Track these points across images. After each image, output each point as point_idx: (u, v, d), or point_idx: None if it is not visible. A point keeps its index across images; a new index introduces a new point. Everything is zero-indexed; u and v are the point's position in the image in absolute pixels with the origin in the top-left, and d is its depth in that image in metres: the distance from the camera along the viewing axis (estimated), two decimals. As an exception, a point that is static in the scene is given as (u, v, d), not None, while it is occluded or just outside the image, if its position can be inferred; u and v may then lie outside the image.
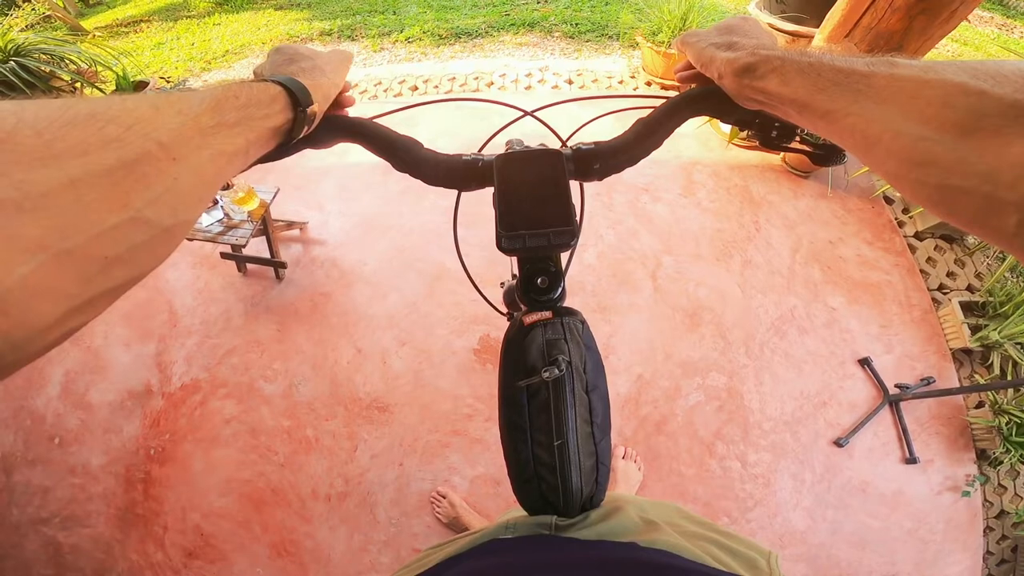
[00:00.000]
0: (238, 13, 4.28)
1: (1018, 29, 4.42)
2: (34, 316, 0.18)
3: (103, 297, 0.21)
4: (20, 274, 0.17)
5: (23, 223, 0.17)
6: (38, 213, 0.18)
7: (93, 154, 0.20)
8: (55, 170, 0.19)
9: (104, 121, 0.21)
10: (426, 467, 1.58)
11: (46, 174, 0.18)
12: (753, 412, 1.66)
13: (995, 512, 1.54)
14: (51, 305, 0.18)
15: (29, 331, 0.18)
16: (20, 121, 0.19)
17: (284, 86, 0.38)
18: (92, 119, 0.21)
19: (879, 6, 1.59)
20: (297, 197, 2.26)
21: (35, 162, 0.18)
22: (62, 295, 0.19)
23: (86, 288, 0.20)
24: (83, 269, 0.19)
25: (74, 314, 0.20)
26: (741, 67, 0.37)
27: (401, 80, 2.94)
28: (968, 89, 0.22)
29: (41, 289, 0.18)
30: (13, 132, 0.18)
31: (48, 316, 0.18)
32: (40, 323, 0.18)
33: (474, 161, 0.47)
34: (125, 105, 0.23)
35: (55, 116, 0.20)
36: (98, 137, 0.21)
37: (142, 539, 1.53)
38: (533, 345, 0.45)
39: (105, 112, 0.22)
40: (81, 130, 0.20)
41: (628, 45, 3.18)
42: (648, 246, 2.04)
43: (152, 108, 0.25)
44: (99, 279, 0.20)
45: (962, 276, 1.94)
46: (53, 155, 0.19)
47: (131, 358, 1.85)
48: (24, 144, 0.18)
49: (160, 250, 0.24)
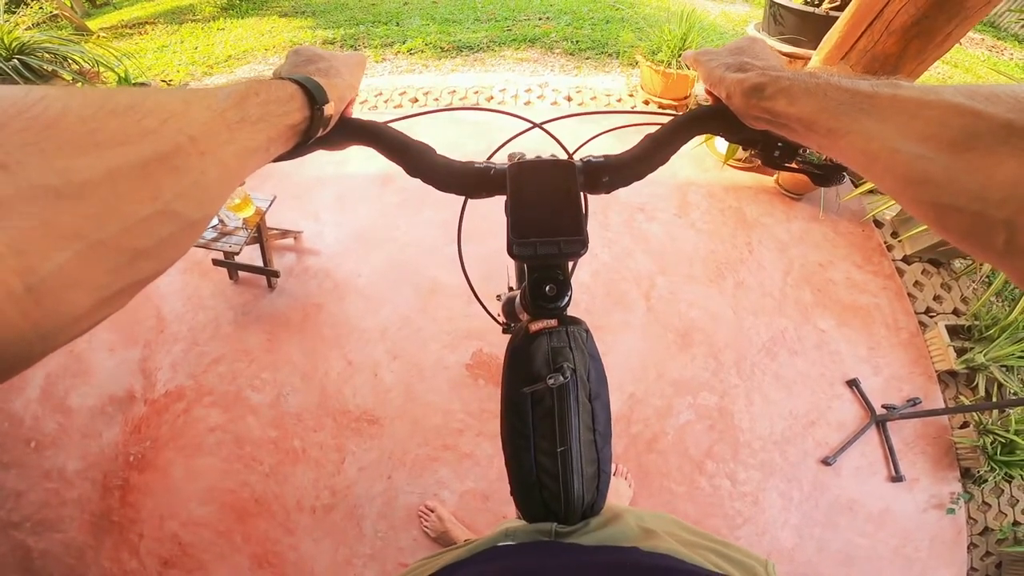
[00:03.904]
0: (243, 19, 4.32)
1: (1008, 51, 4.55)
2: (66, 306, 0.18)
3: (128, 289, 0.21)
4: (56, 263, 0.17)
5: (61, 210, 0.17)
6: (76, 201, 0.18)
7: (132, 144, 0.20)
8: (95, 159, 0.19)
9: (143, 113, 0.22)
10: (415, 481, 1.56)
11: (87, 162, 0.18)
12: (743, 431, 1.66)
13: (979, 529, 1.56)
14: (82, 296, 0.18)
15: (59, 321, 0.17)
16: (66, 108, 0.19)
17: (301, 85, 0.38)
18: (132, 110, 0.21)
19: (875, 29, 1.62)
20: (293, 206, 2.26)
21: (77, 150, 0.18)
22: (93, 286, 0.19)
23: (115, 280, 0.20)
24: (114, 260, 0.19)
25: (102, 306, 0.20)
26: (750, 87, 0.38)
27: (402, 91, 2.97)
28: (964, 109, 0.22)
29: (74, 279, 0.18)
30: (60, 118, 0.18)
31: (79, 307, 0.18)
32: (70, 314, 0.18)
33: (486, 169, 0.48)
34: (160, 98, 0.24)
35: (99, 104, 0.20)
36: (137, 128, 0.21)
37: (116, 546, 1.49)
38: (539, 352, 0.46)
39: (143, 104, 0.22)
40: (122, 120, 0.21)
41: (627, 64, 3.23)
42: (642, 266, 2.05)
43: (183, 102, 0.25)
44: (127, 271, 0.20)
45: (948, 300, 1.98)
46: (95, 143, 0.19)
47: (115, 363, 1.82)
48: (69, 130, 0.18)
49: (183, 244, 0.24)
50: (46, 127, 0.18)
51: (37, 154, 0.17)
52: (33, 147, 0.17)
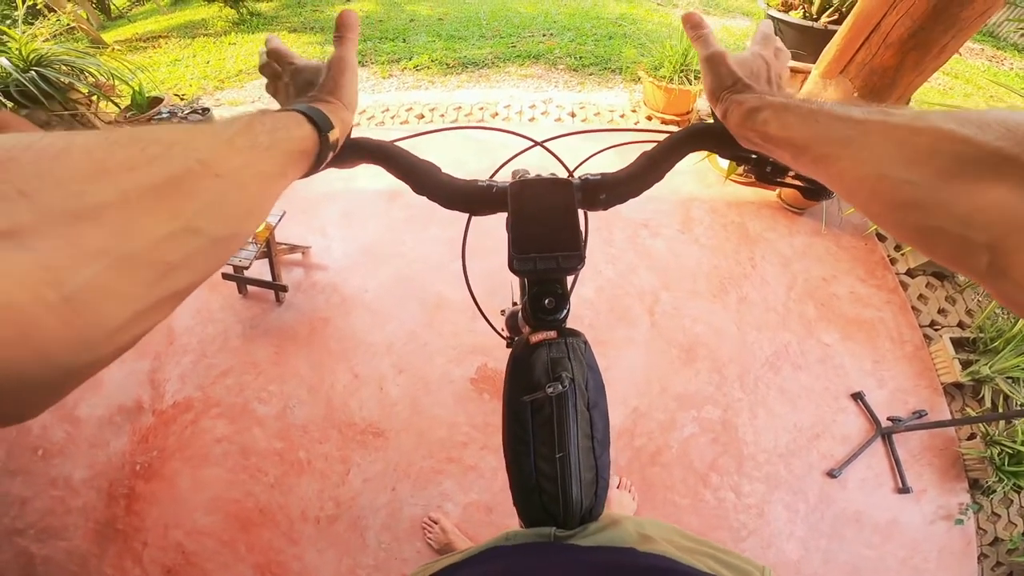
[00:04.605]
0: (253, 33, 4.40)
1: (1008, 61, 4.54)
2: (104, 317, 0.19)
3: (168, 300, 0.23)
4: (85, 276, 0.18)
5: (83, 231, 0.18)
6: (96, 222, 0.19)
7: (140, 170, 0.21)
8: (107, 184, 0.20)
9: (146, 143, 0.23)
10: (419, 493, 1.57)
11: (100, 187, 0.19)
12: (747, 444, 1.66)
13: (989, 540, 1.54)
14: (119, 307, 0.19)
15: (100, 331, 0.19)
16: (71, 143, 0.20)
17: (304, 114, 0.40)
18: (135, 141, 0.23)
19: (873, 42, 1.63)
20: (302, 221, 2.29)
21: (88, 176, 0.19)
22: (129, 298, 0.20)
23: (150, 291, 0.21)
24: (146, 273, 0.21)
25: (142, 317, 0.21)
26: (746, 111, 0.39)
27: (408, 108, 3.02)
28: (954, 137, 0.23)
29: (108, 291, 0.19)
30: (66, 150, 0.19)
31: (117, 317, 0.19)
32: (110, 324, 0.19)
33: (488, 187, 0.49)
34: (163, 130, 0.25)
35: (102, 137, 0.22)
36: (143, 156, 0.22)
37: (120, 554, 1.50)
38: (538, 362, 0.48)
39: (146, 135, 0.23)
40: (126, 149, 0.22)
41: (630, 79, 3.27)
42: (646, 282, 2.07)
43: (187, 132, 0.26)
44: (162, 283, 0.22)
45: (953, 313, 1.98)
46: (104, 170, 0.20)
47: (124, 374, 1.84)
48: (77, 159, 0.19)
49: (214, 258, 0.26)
50: (55, 158, 0.19)
51: (51, 181, 0.18)
52: (48, 175, 0.18)
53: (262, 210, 0.31)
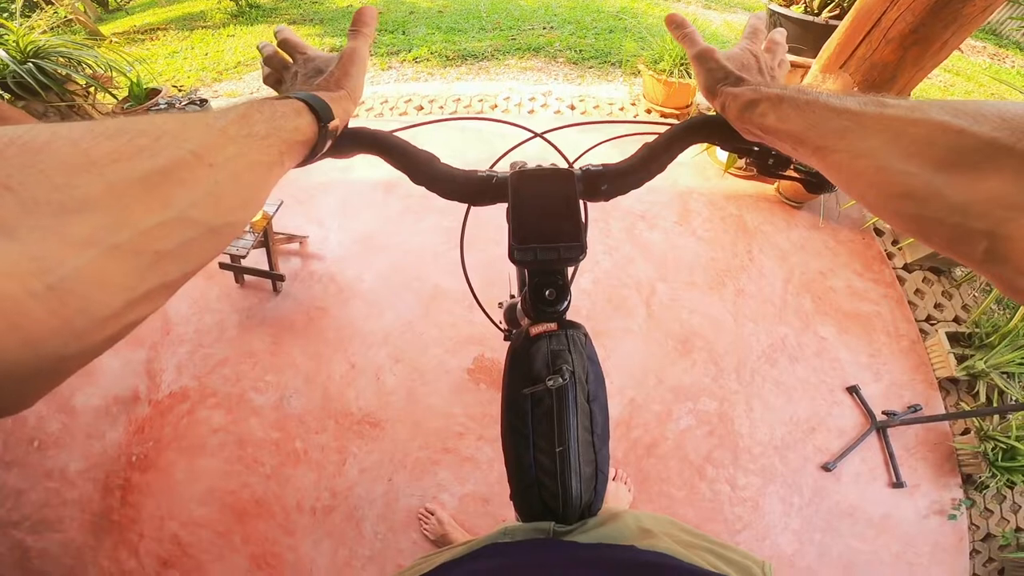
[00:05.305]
0: (252, 26, 4.38)
1: (1010, 58, 4.54)
2: (94, 306, 0.19)
3: (161, 290, 0.22)
4: (73, 266, 0.18)
5: (69, 222, 0.18)
6: (83, 214, 0.18)
7: (127, 161, 0.21)
8: (94, 175, 0.20)
9: (134, 133, 0.23)
10: (415, 483, 1.57)
11: (86, 179, 0.19)
12: (743, 437, 1.66)
13: (981, 535, 1.55)
14: (109, 296, 0.19)
15: (90, 320, 0.18)
16: (55, 134, 0.20)
17: (306, 102, 0.39)
18: (121, 132, 0.22)
19: (873, 37, 1.62)
20: (299, 211, 2.28)
21: (73, 169, 0.19)
22: (119, 287, 0.20)
23: (142, 281, 0.21)
24: (136, 263, 0.20)
25: (134, 306, 0.21)
26: (743, 103, 0.39)
27: (407, 99, 3.00)
28: (949, 128, 0.23)
29: (97, 280, 0.19)
30: (50, 142, 0.19)
31: (107, 307, 0.19)
32: (100, 313, 0.19)
33: (488, 177, 0.49)
34: (152, 120, 0.25)
35: (87, 128, 0.21)
36: (130, 147, 0.22)
37: (115, 546, 1.50)
38: (538, 355, 0.47)
39: (134, 126, 0.23)
40: (113, 141, 0.21)
41: (630, 73, 3.27)
42: (643, 273, 2.07)
43: (179, 122, 0.26)
44: (153, 273, 0.22)
45: (949, 308, 1.98)
46: (90, 162, 0.20)
47: (120, 364, 1.84)
48: (62, 152, 0.19)
49: (208, 247, 0.25)
50: (38, 151, 0.18)
51: (36, 174, 0.18)
52: (31, 168, 0.18)
53: (257, 200, 0.30)
